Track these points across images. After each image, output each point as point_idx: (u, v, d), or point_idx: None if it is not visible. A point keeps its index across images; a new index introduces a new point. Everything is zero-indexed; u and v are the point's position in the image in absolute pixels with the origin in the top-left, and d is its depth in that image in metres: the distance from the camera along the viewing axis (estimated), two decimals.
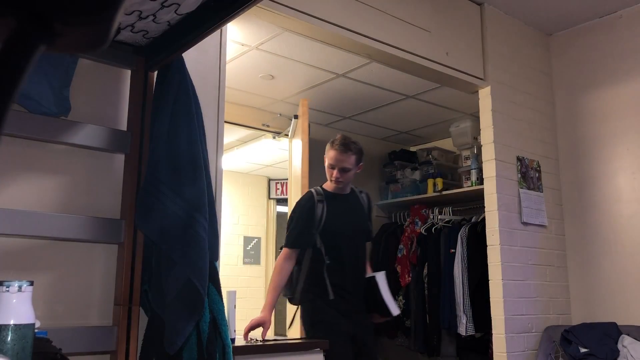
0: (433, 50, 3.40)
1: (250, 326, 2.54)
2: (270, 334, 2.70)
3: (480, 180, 4.03)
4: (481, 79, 3.68)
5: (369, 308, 2.86)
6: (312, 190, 2.91)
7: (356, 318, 2.78)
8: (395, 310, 2.85)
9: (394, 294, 3.63)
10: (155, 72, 1.96)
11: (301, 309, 2.86)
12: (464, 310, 3.99)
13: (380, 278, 2.85)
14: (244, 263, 6.43)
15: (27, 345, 1.19)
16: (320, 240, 2.78)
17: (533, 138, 3.91)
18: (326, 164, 2.87)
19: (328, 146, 2.88)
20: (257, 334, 2.50)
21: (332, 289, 2.72)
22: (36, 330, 1.26)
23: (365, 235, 2.98)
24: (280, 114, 4.66)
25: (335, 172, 2.82)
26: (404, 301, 4.46)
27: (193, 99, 1.91)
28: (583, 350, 3.30)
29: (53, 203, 1.80)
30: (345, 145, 2.82)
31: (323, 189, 2.92)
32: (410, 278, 4.45)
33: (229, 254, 6.12)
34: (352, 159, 2.82)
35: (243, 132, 4.98)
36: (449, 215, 4.54)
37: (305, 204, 2.84)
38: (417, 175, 4.92)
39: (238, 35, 3.37)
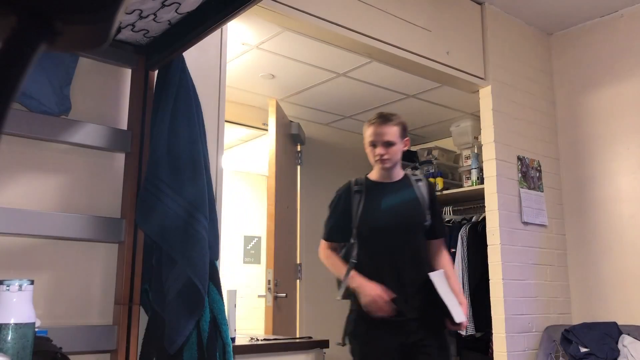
0: (434, 50, 3.40)
1: (376, 296, 2.26)
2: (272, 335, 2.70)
3: (481, 180, 4.03)
4: (482, 78, 3.68)
5: (433, 313, 2.34)
6: (352, 179, 2.53)
7: (410, 328, 2.30)
8: (458, 316, 2.26)
9: None
10: (156, 71, 1.96)
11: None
12: None
13: (437, 278, 2.31)
14: (244, 262, 6.43)
15: (28, 344, 1.19)
16: (355, 236, 2.40)
17: (534, 137, 3.91)
18: (366, 146, 2.46)
19: (365, 126, 2.48)
20: (258, 333, 2.50)
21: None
22: (36, 329, 1.26)
23: (421, 229, 2.44)
24: None
25: (378, 148, 2.40)
26: None
27: (193, 98, 1.91)
28: (583, 349, 3.30)
29: (53, 202, 1.80)
30: (384, 117, 2.44)
31: (366, 177, 2.52)
32: None
33: (229, 253, 6.12)
34: (395, 130, 2.41)
35: (244, 132, 4.98)
36: (450, 214, 4.54)
37: (341, 194, 2.50)
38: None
39: (239, 35, 3.37)
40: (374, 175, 2.51)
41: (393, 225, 2.39)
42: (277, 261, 3.82)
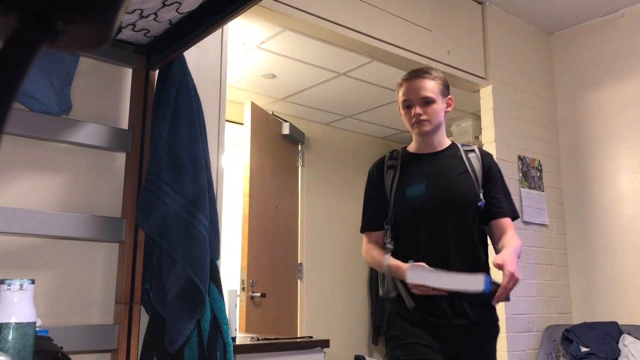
0: (434, 49, 3.40)
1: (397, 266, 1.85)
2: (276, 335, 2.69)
3: None
4: (482, 78, 3.68)
5: (486, 319, 1.91)
6: (387, 153, 2.12)
7: (454, 336, 1.82)
8: (475, 283, 1.72)
9: None
10: (157, 71, 1.96)
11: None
12: None
13: (413, 273, 1.76)
14: None
15: (29, 344, 1.19)
16: (391, 220, 1.96)
17: (534, 137, 3.91)
18: (400, 110, 2.02)
19: (397, 86, 2.04)
20: (256, 332, 2.50)
21: (401, 289, 1.88)
22: (37, 329, 1.27)
23: (472, 210, 1.91)
24: (273, 112, 4.65)
25: (414, 109, 1.94)
26: None
27: (194, 98, 1.91)
28: (584, 349, 3.30)
29: (54, 202, 1.80)
30: (417, 71, 2.00)
31: (403, 149, 2.10)
32: None
33: (230, 253, 6.12)
34: (433, 85, 1.95)
35: (245, 131, 4.98)
36: None
37: (372, 174, 2.07)
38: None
39: (239, 35, 3.37)
40: (412, 146, 2.08)
41: (434, 205, 1.91)
42: (253, 261, 3.82)
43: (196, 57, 2.16)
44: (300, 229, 4.72)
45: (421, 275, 1.77)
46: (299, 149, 4.85)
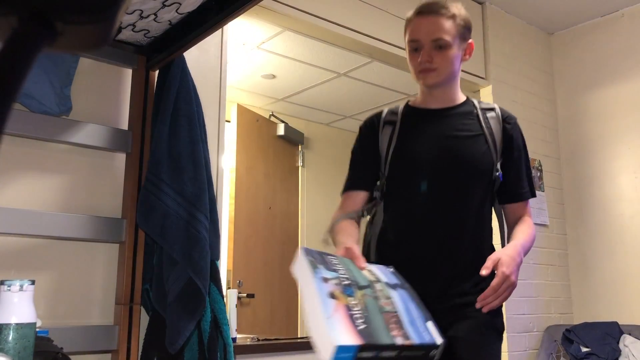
0: None
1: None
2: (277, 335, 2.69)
3: None
4: (482, 78, 3.68)
5: (488, 342, 1.60)
6: (387, 108, 1.71)
7: (451, 318, 1.45)
8: (323, 348, 1.02)
9: None
10: (157, 72, 1.96)
11: None
12: None
13: (300, 270, 1.18)
14: None
15: (29, 345, 1.19)
16: (383, 185, 1.57)
17: (534, 137, 3.91)
18: (407, 54, 1.60)
19: (406, 21, 1.62)
20: (256, 333, 2.50)
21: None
22: (37, 330, 1.26)
23: (486, 182, 1.54)
24: (272, 113, 4.65)
25: (422, 53, 1.53)
26: None
27: (194, 98, 1.91)
28: (584, 349, 3.30)
29: (54, 202, 1.80)
30: (432, 5, 1.55)
31: (406, 103, 1.70)
32: None
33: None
34: (450, 25, 1.54)
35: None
36: None
37: (362, 130, 1.69)
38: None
39: (239, 35, 3.37)
40: (417, 99, 1.68)
41: (439, 172, 1.52)
42: (241, 262, 3.82)
43: (196, 57, 2.16)
44: (300, 229, 4.72)
45: (303, 274, 1.13)
46: (299, 149, 4.85)
